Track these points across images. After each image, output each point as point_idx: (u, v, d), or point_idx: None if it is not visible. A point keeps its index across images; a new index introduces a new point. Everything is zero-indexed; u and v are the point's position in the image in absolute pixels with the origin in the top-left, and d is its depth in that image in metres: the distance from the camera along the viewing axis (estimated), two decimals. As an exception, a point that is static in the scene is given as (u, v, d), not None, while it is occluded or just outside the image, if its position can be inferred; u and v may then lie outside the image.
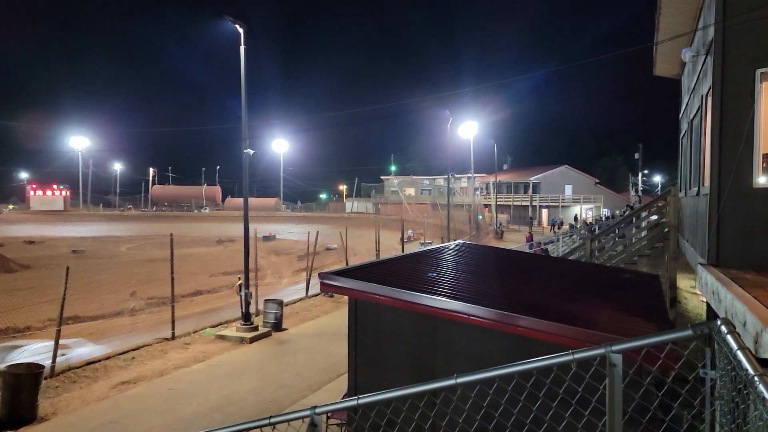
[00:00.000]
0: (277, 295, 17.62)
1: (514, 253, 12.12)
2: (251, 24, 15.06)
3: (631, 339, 2.10)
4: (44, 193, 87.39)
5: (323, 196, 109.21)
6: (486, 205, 66.88)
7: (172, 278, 14.40)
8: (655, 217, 14.22)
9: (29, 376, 8.92)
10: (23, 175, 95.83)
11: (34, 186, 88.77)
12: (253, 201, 43.72)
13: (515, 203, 74.23)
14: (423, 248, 10.23)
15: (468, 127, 52.14)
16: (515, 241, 42.68)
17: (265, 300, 15.48)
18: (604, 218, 45.93)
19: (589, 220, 48.53)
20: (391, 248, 32.94)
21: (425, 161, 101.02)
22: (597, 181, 77.49)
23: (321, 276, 7.01)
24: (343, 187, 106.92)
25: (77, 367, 11.22)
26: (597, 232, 22.60)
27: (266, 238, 49.71)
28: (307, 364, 12.20)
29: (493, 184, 67.12)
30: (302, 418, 2.68)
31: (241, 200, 17.67)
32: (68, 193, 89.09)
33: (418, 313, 6.42)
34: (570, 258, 14.05)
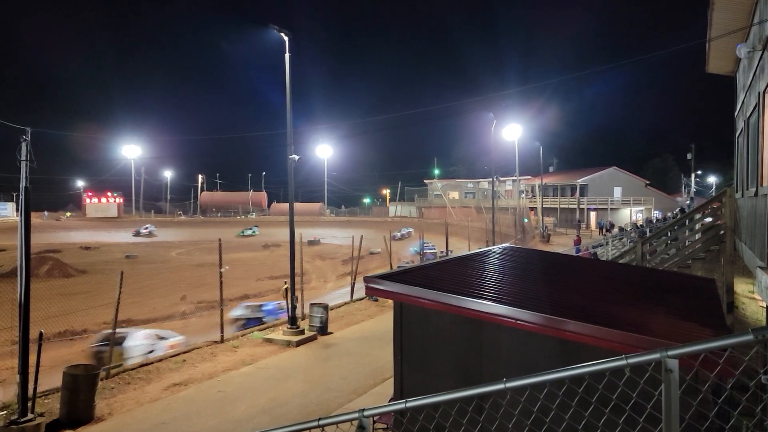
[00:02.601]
0: (322, 299, 17.77)
1: (561, 256, 11.89)
2: (296, 32, 15.30)
3: (688, 344, 2.03)
4: (99, 201, 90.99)
5: (367, 200, 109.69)
6: (532, 208, 65.83)
7: (221, 283, 14.71)
8: (709, 219, 13.70)
9: (86, 377, 9.27)
10: (79, 184, 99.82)
11: (89, 194, 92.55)
12: (297, 206, 44.28)
13: (562, 206, 72.78)
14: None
15: (512, 130, 51.52)
16: (562, 244, 41.88)
17: (311, 304, 15.64)
18: (654, 220, 44.54)
19: (639, 223, 47.15)
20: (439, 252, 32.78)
21: (469, 164, 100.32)
22: (647, 182, 75.20)
23: (366, 280, 7.03)
24: (386, 191, 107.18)
25: (131, 369, 11.60)
26: (648, 234, 21.92)
27: (311, 243, 50.30)
28: (352, 368, 12.26)
29: (539, 186, 66.04)
30: (350, 420, 2.70)
31: (286, 205, 17.92)
32: (122, 200, 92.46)
33: (463, 317, 6.37)
34: (620, 262, 13.68)
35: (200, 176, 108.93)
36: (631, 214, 65.07)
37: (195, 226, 77.70)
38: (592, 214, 69.57)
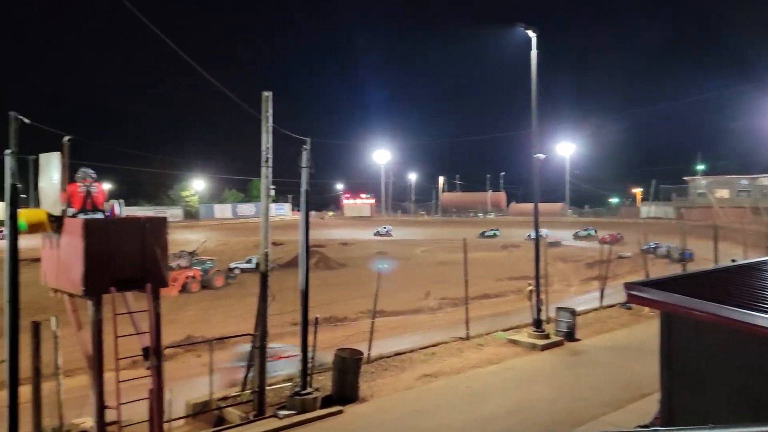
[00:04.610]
0: (566, 304, 17.04)
1: None
2: (544, 28, 14.91)
3: None
4: (354, 202, 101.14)
5: (614, 200, 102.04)
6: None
7: (466, 281, 15.07)
8: None
9: (352, 360, 10.32)
10: (339, 186, 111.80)
11: (347, 195, 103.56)
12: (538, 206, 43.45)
13: None
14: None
15: (801, 114, 42.96)
16: None
17: (557, 308, 15.11)
18: None
19: None
20: (700, 258, 29.05)
21: (743, 158, 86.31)
22: None
23: (627, 287, 6.53)
24: (637, 190, 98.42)
25: (387, 357, 12.56)
26: None
27: (551, 244, 48.68)
28: (603, 378, 11.50)
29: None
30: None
31: (525, 205, 17.60)
32: (374, 201, 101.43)
33: (750, 335, 5.49)
34: None
35: (441, 178, 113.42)
36: None
37: (436, 225, 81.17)
38: None
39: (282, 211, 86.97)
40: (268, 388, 9.60)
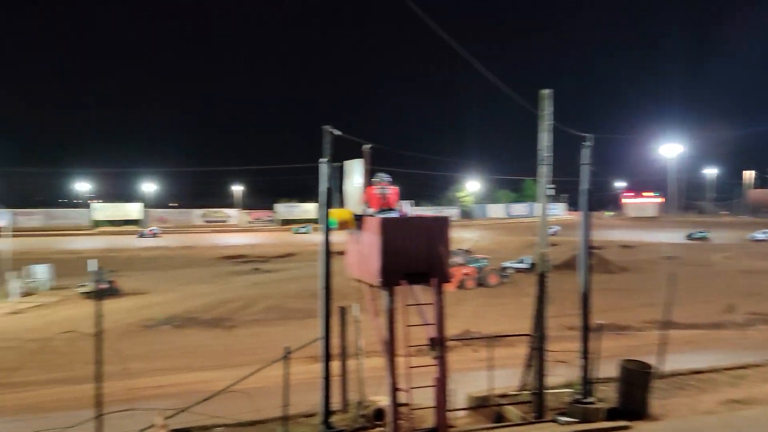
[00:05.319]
0: None
1: None
2: None
3: None
4: (637, 201, 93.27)
5: None
6: None
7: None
8: None
9: (639, 373, 9.43)
10: (618, 184, 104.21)
11: (629, 194, 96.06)
12: None
13: None
14: None
15: None
16: None
17: None
18: None
19: None
20: None
21: None
22: None
23: None
24: None
25: (682, 374, 11.21)
26: None
27: None
28: None
29: None
30: None
31: None
32: (662, 199, 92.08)
33: None
34: None
35: (748, 172, 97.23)
36: None
37: (742, 227, 69.84)
38: None
39: (556, 211, 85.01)
40: (546, 391, 9.39)
